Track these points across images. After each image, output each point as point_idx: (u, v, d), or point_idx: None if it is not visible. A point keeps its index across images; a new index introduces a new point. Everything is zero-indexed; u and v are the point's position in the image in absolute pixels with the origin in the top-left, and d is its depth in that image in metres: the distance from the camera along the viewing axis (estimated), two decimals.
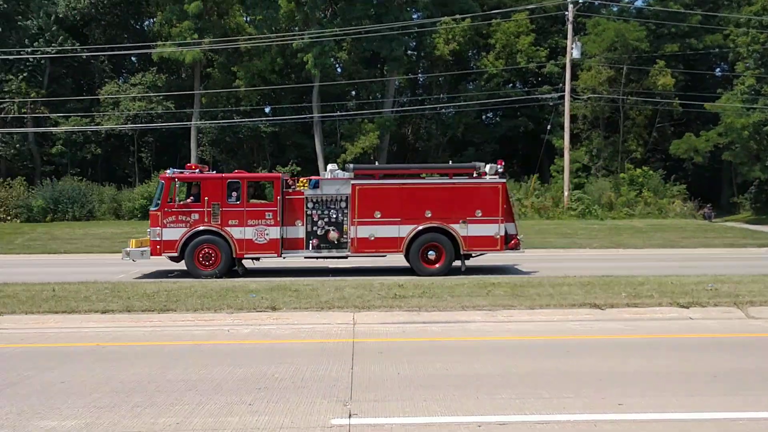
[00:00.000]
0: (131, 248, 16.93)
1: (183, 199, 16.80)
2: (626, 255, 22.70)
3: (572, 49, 37.00)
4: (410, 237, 16.64)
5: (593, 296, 11.81)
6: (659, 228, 29.94)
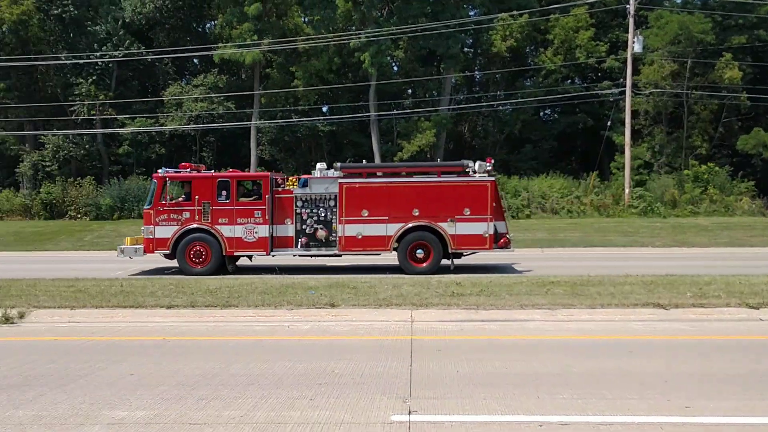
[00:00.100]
0: (126, 246, 17.39)
1: (176, 198, 17.26)
2: (690, 254, 22.05)
3: (633, 43, 35.99)
4: (397, 235, 16.68)
5: (656, 296, 11.52)
6: (726, 226, 28.92)
